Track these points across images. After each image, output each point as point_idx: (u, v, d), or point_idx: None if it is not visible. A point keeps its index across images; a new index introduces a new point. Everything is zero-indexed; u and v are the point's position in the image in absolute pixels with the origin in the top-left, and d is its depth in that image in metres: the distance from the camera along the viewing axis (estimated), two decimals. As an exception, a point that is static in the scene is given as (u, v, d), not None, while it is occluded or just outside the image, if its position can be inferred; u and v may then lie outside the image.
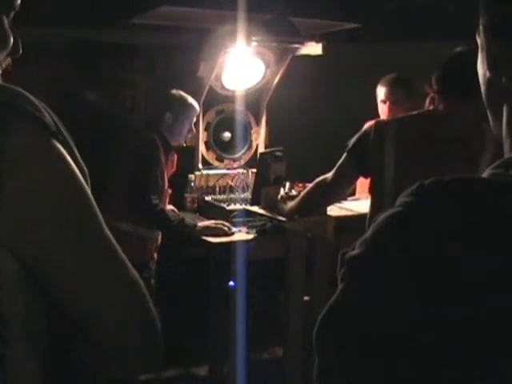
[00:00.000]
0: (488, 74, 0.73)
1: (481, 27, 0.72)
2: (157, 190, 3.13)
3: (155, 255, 3.26)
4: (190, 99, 3.34)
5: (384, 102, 3.52)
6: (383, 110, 3.53)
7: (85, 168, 0.89)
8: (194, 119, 3.38)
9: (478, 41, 0.73)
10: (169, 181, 3.29)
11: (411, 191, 0.65)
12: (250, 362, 3.20)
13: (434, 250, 0.61)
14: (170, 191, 3.34)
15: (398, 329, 0.61)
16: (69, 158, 0.86)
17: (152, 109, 3.46)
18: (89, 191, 0.87)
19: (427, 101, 2.55)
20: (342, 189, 2.66)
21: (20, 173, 0.82)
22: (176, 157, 3.37)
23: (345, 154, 2.51)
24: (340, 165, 2.53)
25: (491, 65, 0.72)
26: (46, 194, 0.83)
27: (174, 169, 3.38)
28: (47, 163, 0.84)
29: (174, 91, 3.34)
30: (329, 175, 2.60)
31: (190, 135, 3.41)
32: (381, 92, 3.54)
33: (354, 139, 2.50)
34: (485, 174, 0.68)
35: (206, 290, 3.45)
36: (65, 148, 0.86)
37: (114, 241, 0.88)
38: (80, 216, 0.86)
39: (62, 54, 3.78)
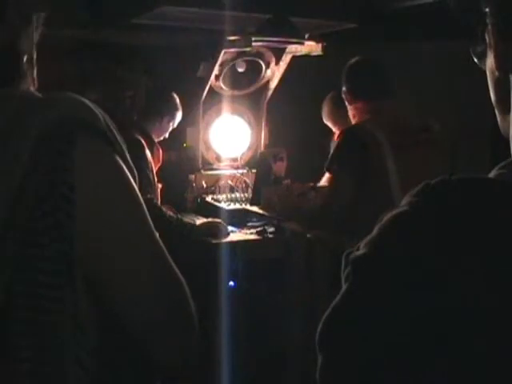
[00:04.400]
0: (496, 72, 0.73)
1: (489, 26, 0.72)
2: (153, 190, 3.15)
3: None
4: (176, 98, 3.38)
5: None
6: None
7: (134, 170, 0.93)
8: (178, 119, 3.40)
9: (487, 39, 0.73)
10: (157, 174, 3.32)
11: (417, 191, 0.65)
12: (249, 362, 3.20)
13: (436, 251, 0.61)
14: (160, 186, 3.35)
15: (401, 331, 0.61)
16: (126, 170, 0.89)
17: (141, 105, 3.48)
18: (141, 199, 0.92)
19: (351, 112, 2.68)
20: None
21: (87, 186, 0.84)
22: (161, 151, 3.39)
23: None
24: None
25: (500, 63, 0.72)
26: (108, 207, 0.87)
27: (160, 163, 3.40)
28: (110, 177, 0.88)
29: (163, 90, 3.37)
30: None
31: (170, 128, 3.44)
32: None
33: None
34: (492, 174, 0.68)
35: (205, 290, 3.45)
36: (120, 156, 0.90)
37: (163, 247, 0.93)
38: (137, 227, 0.91)
39: (62, 54, 3.77)
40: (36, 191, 0.82)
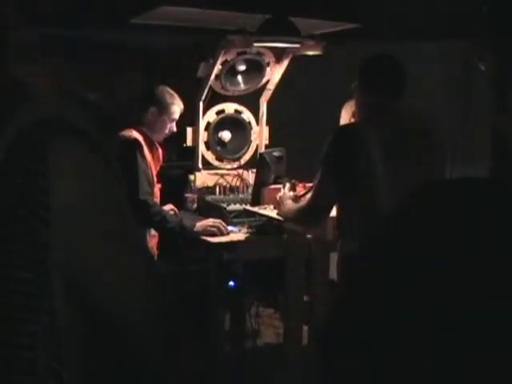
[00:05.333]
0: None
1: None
2: (151, 190, 3.15)
3: (156, 251, 3.31)
4: (175, 95, 3.35)
5: None
6: None
7: (119, 170, 0.94)
8: (177, 116, 3.37)
9: None
10: (157, 174, 3.31)
11: (413, 193, 0.66)
12: (249, 362, 3.20)
13: (424, 251, 0.62)
14: (159, 186, 3.35)
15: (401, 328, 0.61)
16: (105, 171, 0.90)
17: (138, 104, 3.45)
18: (121, 199, 0.93)
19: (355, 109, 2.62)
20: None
21: (63, 187, 0.83)
22: (161, 151, 3.38)
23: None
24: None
25: None
26: (84, 209, 0.86)
27: (161, 163, 3.39)
28: (86, 179, 0.87)
29: (160, 86, 3.35)
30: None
31: (170, 132, 3.39)
32: None
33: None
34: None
35: (206, 290, 3.45)
36: (102, 157, 0.89)
37: (134, 245, 0.95)
38: (111, 227, 0.91)
39: (62, 54, 3.78)
40: (9, 196, 0.81)
